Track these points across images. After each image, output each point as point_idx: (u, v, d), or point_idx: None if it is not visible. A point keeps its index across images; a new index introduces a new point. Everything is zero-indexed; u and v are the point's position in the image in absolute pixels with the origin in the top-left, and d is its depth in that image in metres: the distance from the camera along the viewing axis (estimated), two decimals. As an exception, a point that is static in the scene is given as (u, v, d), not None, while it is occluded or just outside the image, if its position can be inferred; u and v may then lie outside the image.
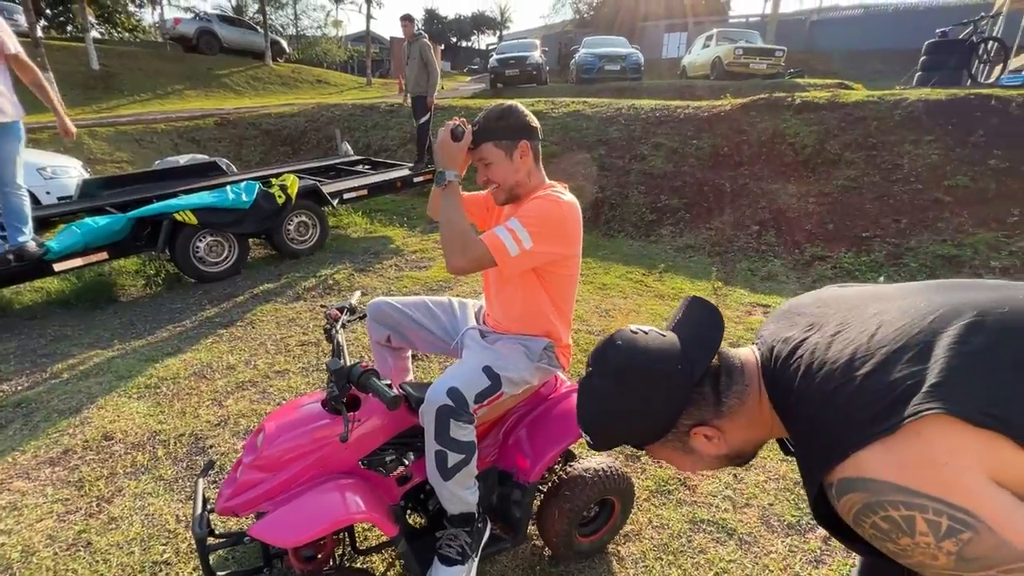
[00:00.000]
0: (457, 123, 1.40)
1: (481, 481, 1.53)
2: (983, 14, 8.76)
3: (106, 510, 1.85)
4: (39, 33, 11.36)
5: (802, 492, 1.97)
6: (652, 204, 5.89)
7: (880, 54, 19.57)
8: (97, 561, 1.66)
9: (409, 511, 1.62)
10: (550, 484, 1.65)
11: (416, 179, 5.78)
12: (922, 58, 8.50)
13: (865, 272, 4.35)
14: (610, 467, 1.64)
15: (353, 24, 51.62)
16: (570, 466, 1.63)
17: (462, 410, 1.27)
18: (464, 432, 1.28)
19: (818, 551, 1.73)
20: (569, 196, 1.43)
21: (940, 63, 8.11)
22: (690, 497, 2.00)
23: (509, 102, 1.43)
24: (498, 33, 47.15)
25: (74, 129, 3.26)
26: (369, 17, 22.45)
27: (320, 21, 35.46)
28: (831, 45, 22.41)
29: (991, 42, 7.83)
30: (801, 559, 1.71)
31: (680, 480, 2.08)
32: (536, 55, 13.73)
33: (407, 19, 6.00)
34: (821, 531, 1.77)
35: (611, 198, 6.08)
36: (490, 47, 43.31)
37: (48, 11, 25.44)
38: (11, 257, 3.33)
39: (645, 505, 1.95)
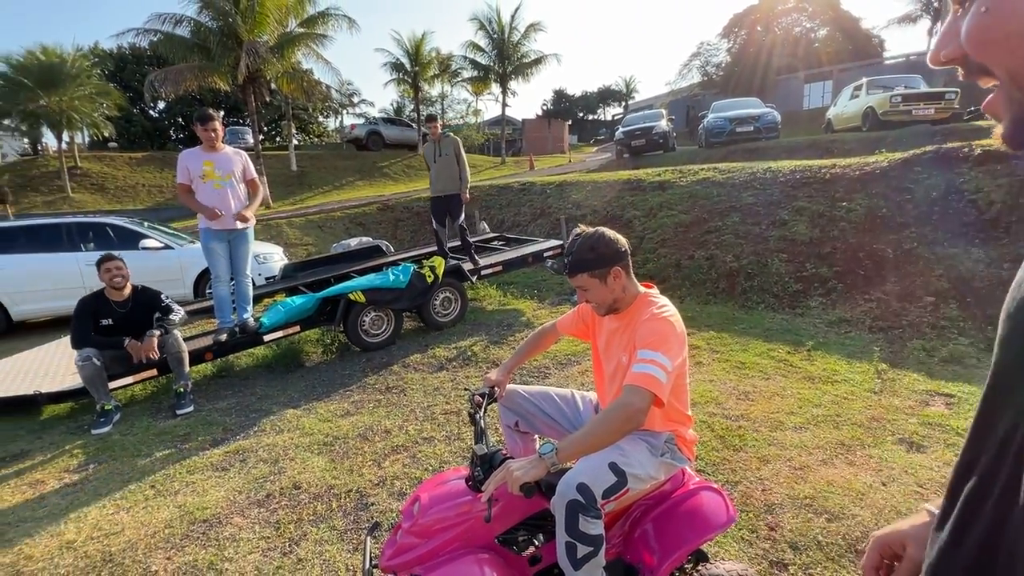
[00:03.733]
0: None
1: (609, 572, 1.57)
2: None
3: (295, 551, 2.24)
4: (260, 147, 14.88)
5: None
6: (796, 273, 5.48)
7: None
8: (287, 596, 2.01)
9: (540, 593, 1.70)
10: (680, 586, 1.62)
11: (547, 255, 6.17)
12: None
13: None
14: (745, 572, 1.57)
15: (489, 111, 57.91)
16: (699, 570, 1.60)
17: (591, 505, 1.36)
18: (592, 526, 1.36)
19: None
20: (669, 307, 1.54)
21: None
22: (850, 623, 1.77)
23: (597, 231, 1.56)
24: (624, 103, 48.85)
25: (250, 218, 4.18)
26: (504, 105, 25.11)
27: (462, 112, 40.67)
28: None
29: None
30: None
31: (836, 600, 1.86)
32: (662, 123, 13.97)
33: (432, 119, 5.67)
34: None
35: (748, 267, 5.80)
36: (616, 117, 44.77)
37: (265, 128, 33.43)
38: (237, 330, 4.31)
39: (792, 624, 1.77)
